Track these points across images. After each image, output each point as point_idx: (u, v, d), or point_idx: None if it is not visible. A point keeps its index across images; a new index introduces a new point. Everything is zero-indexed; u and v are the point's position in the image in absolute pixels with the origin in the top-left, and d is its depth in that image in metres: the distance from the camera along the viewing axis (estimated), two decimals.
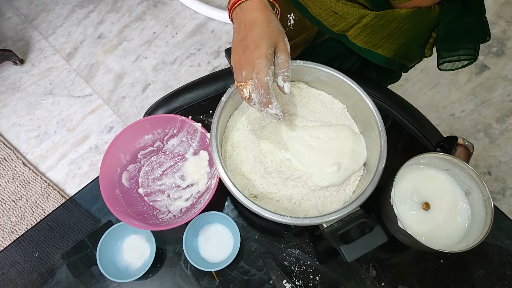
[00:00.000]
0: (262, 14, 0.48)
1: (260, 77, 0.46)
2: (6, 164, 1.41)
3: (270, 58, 0.46)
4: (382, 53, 0.63)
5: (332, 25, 0.61)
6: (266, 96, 0.47)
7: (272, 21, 0.48)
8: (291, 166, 0.59)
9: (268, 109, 0.49)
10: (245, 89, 0.48)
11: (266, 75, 0.46)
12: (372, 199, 0.55)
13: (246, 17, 0.48)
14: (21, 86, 1.59)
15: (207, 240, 0.61)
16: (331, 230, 0.51)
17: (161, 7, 1.77)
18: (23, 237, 0.63)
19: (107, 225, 0.62)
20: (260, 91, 0.47)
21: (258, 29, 0.47)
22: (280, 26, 0.50)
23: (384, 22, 0.58)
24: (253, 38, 0.47)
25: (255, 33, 0.47)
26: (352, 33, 0.61)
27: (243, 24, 0.48)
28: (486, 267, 0.60)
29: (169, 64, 1.64)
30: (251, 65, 0.46)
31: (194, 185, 0.65)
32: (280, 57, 0.48)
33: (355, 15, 0.58)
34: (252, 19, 0.48)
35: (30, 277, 0.61)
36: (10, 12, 1.76)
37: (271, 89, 0.47)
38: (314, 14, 0.61)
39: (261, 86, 0.46)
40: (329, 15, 0.60)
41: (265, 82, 0.46)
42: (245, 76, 0.47)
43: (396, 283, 0.59)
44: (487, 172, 1.43)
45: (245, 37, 0.47)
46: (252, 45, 0.46)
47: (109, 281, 0.59)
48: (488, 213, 0.52)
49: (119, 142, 0.61)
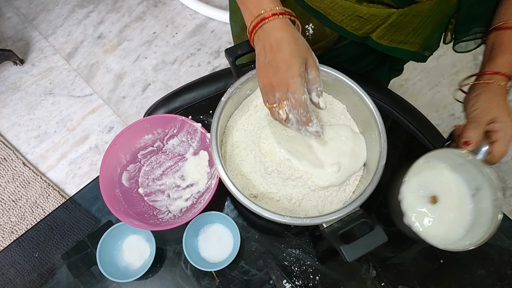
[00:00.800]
0: (287, 33, 0.47)
1: (298, 97, 0.45)
2: (6, 164, 1.41)
3: (303, 76, 0.46)
4: (408, 48, 0.63)
5: (356, 29, 0.60)
6: (306, 115, 0.47)
7: (298, 38, 0.48)
8: (291, 166, 0.59)
9: (308, 127, 0.49)
10: (281, 111, 0.47)
11: (303, 93, 0.45)
12: (372, 199, 0.55)
13: (270, 38, 0.47)
14: (21, 86, 1.59)
15: (207, 240, 0.61)
16: (331, 230, 0.50)
17: (161, 7, 1.77)
18: (23, 237, 0.63)
19: (107, 225, 0.62)
20: (300, 110, 0.46)
21: (286, 49, 0.46)
22: (306, 42, 0.49)
23: (409, 18, 0.58)
24: (282, 58, 0.46)
25: (284, 53, 0.46)
26: (377, 34, 0.60)
27: (268, 45, 0.47)
28: (487, 267, 0.60)
29: (169, 64, 1.64)
30: (285, 85, 0.46)
31: (194, 185, 0.65)
32: (311, 73, 0.48)
33: (381, 15, 0.57)
34: (278, 39, 0.47)
35: (30, 277, 0.61)
36: (10, 12, 1.76)
37: (310, 107, 0.47)
38: (336, 21, 0.60)
39: (300, 105, 0.46)
40: (353, 20, 0.59)
41: (304, 101, 0.46)
42: (279, 98, 0.47)
43: (396, 283, 0.59)
44: None
45: (273, 58, 0.47)
46: (283, 65, 0.46)
47: (109, 281, 0.59)
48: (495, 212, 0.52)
49: (119, 142, 0.61)
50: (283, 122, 0.49)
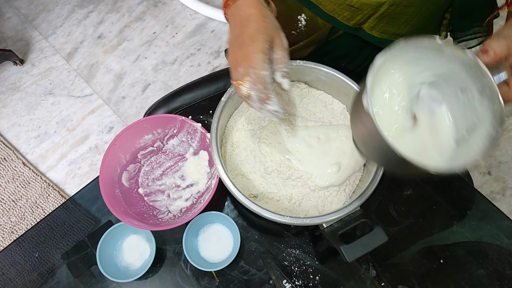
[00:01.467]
0: (257, 10, 0.47)
1: (257, 71, 0.45)
2: (6, 164, 1.41)
3: (266, 53, 0.46)
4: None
5: (348, 19, 0.60)
6: (264, 91, 0.46)
7: (267, 16, 0.48)
8: (291, 166, 0.59)
9: (267, 105, 0.47)
10: (243, 87, 0.47)
11: (263, 69, 0.45)
12: (372, 199, 0.55)
13: (240, 14, 0.48)
14: (21, 86, 1.59)
15: (207, 240, 0.61)
16: (331, 230, 0.51)
17: (161, 7, 1.77)
18: (23, 237, 0.63)
19: (107, 225, 0.62)
20: (258, 86, 0.46)
21: (253, 25, 0.47)
22: (276, 22, 0.49)
23: (401, 9, 0.57)
24: (248, 33, 0.46)
25: (250, 29, 0.46)
26: (368, 25, 0.60)
27: (238, 21, 0.48)
28: (486, 267, 0.60)
29: (169, 64, 1.64)
30: (247, 60, 0.45)
31: (194, 185, 0.65)
32: (277, 53, 0.48)
33: (372, 5, 0.57)
34: (247, 16, 0.47)
35: (30, 277, 0.61)
36: (10, 12, 1.76)
37: (269, 84, 0.46)
38: (328, 11, 0.60)
39: (259, 81, 0.45)
40: (344, 10, 0.59)
41: (262, 76, 0.45)
42: (243, 73, 0.46)
43: (396, 283, 0.59)
44: (487, 172, 1.43)
45: (240, 33, 0.47)
46: (248, 40, 0.46)
47: (109, 281, 0.59)
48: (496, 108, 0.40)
49: (119, 142, 0.61)
50: (245, 99, 0.48)
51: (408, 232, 0.63)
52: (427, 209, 0.64)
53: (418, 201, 0.65)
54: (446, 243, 0.62)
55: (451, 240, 0.63)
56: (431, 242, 0.62)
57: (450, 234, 0.63)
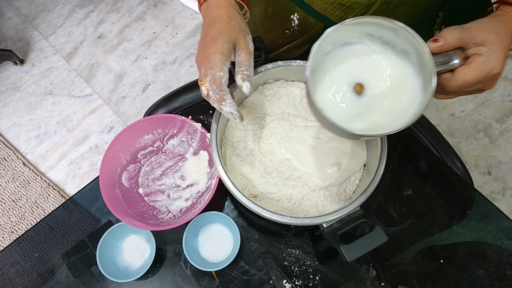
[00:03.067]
0: (224, 11, 0.48)
1: (213, 72, 0.45)
2: (6, 164, 1.41)
3: (225, 54, 0.46)
4: None
5: (340, 19, 0.60)
6: (218, 92, 0.46)
7: (234, 18, 0.48)
8: (291, 166, 0.59)
9: (222, 106, 0.48)
10: (203, 87, 0.47)
11: (220, 70, 0.45)
12: (372, 199, 0.55)
13: (210, 15, 0.49)
14: (21, 86, 1.59)
15: (207, 240, 0.61)
16: (331, 230, 0.51)
17: (161, 7, 1.77)
18: (23, 237, 0.63)
19: (107, 225, 0.62)
20: (213, 86, 0.46)
21: (217, 26, 0.47)
22: (244, 24, 0.49)
23: (392, 8, 0.57)
24: (211, 34, 0.47)
25: (214, 29, 0.47)
26: None
27: (207, 22, 0.49)
28: (486, 267, 0.60)
29: (169, 64, 1.64)
30: (207, 61, 0.46)
31: (194, 185, 0.65)
32: (240, 55, 0.48)
33: (363, 4, 0.57)
34: (214, 17, 0.48)
35: (30, 277, 0.61)
36: (10, 12, 1.76)
37: (225, 85, 0.47)
38: (320, 10, 0.60)
39: (214, 82, 0.46)
40: (336, 9, 0.59)
41: (218, 78, 0.45)
42: (204, 73, 0.47)
43: (396, 283, 0.59)
44: (487, 172, 1.43)
45: (205, 34, 0.48)
46: (210, 41, 0.46)
47: (109, 281, 0.59)
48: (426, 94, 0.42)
49: (119, 142, 0.61)
50: (206, 98, 0.49)
51: (408, 232, 0.63)
52: (427, 209, 0.64)
53: (418, 201, 0.65)
54: (446, 243, 0.62)
55: (451, 241, 0.63)
56: (431, 242, 0.62)
57: (450, 235, 0.63)
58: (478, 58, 0.42)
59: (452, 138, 1.49)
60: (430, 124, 0.80)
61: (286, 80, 0.65)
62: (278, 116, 0.63)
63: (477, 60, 0.42)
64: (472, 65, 0.43)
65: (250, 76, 0.48)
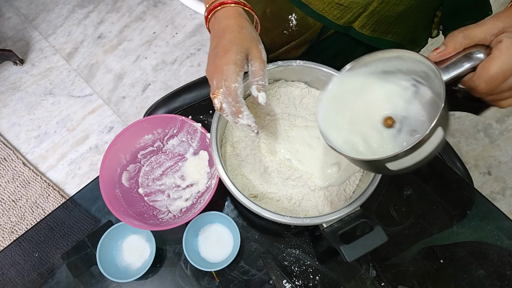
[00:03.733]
0: (234, 21, 0.47)
1: (228, 84, 0.44)
2: (6, 164, 1.41)
3: (239, 64, 0.45)
4: (391, 39, 0.62)
5: (338, 18, 0.60)
6: (234, 105, 0.45)
7: (245, 27, 0.47)
8: (291, 166, 0.59)
9: (239, 119, 0.46)
10: (216, 99, 0.45)
11: (234, 81, 0.44)
12: (372, 199, 0.55)
13: (219, 25, 0.47)
14: (21, 86, 1.59)
15: (207, 240, 0.61)
16: (331, 230, 0.51)
17: (161, 7, 1.77)
18: (23, 237, 0.63)
19: (107, 225, 0.62)
20: (229, 99, 0.44)
21: (228, 36, 0.46)
22: (255, 33, 0.48)
23: (390, 7, 0.57)
24: (223, 45, 0.45)
25: (225, 40, 0.45)
26: (358, 23, 0.60)
27: (216, 32, 0.47)
28: (486, 267, 0.60)
29: (169, 64, 1.64)
30: (220, 72, 0.44)
31: (194, 185, 0.65)
32: (254, 65, 0.47)
33: (361, 3, 0.57)
34: (224, 27, 0.47)
35: (30, 277, 0.61)
36: (10, 12, 1.76)
37: (241, 96, 0.45)
38: (317, 10, 0.60)
39: (229, 94, 0.44)
40: (334, 8, 0.59)
41: (233, 89, 0.44)
42: (216, 85, 0.45)
43: (396, 283, 0.59)
44: (487, 172, 1.43)
45: (217, 45, 0.46)
46: (221, 51, 0.45)
47: (109, 281, 0.59)
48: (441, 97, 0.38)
49: (119, 142, 0.61)
50: (220, 112, 0.47)
51: (408, 232, 0.63)
52: (427, 209, 0.64)
53: (418, 201, 0.65)
54: (446, 243, 0.62)
55: (451, 241, 0.63)
56: (431, 242, 0.62)
57: (450, 235, 0.63)
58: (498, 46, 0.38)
59: (452, 138, 1.49)
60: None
61: (286, 80, 0.65)
62: (278, 116, 0.63)
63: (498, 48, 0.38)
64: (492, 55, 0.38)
65: (265, 86, 0.47)
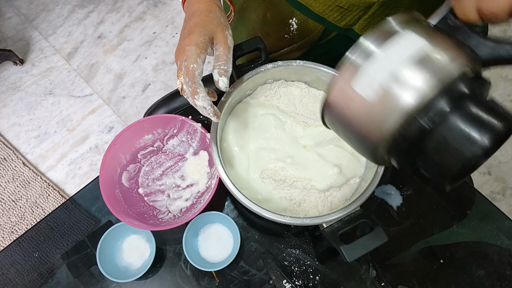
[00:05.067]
0: (204, 5, 0.48)
1: (187, 64, 0.44)
2: (6, 164, 1.41)
3: (201, 46, 0.45)
4: None
5: (338, 21, 0.60)
6: (191, 85, 0.45)
7: (213, 12, 0.47)
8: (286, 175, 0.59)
9: (195, 100, 0.46)
10: (178, 80, 0.46)
11: (194, 62, 0.44)
12: (372, 199, 0.55)
13: (190, 9, 0.49)
14: (21, 86, 1.59)
15: (207, 240, 0.61)
16: (331, 230, 0.50)
17: (161, 7, 1.77)
18: (23, 237, 0.63)
19: (107, 225, 0.62)
20: (186, 79, 0.45)
21: (195, 19, 0.46)
22: (224, 18, 0.49)
23: (390, 10, 0.57)
24: (189, 27, 0.46)
25: (192, 22, 0.46)
26: (359, 26, 0.60)
27: (187, 16, 0.49)
28: (486, 267, 0.60)
29: (169, 64, 1.64)
30: (183, 53, 0.45)
31: (194, 185, 0.65)
32: (218, 50, 0.47)
33: (361, 6, 0.57)
34: (194, 10, 0.48)
35: (30, 277, 0.61)
36: (10, 12, 1.76)
37: (198, 78, 0.45)
38: (318, 12, 0.60)
39: (187, 74, 0.44)
40: (334, 11, 0.59)
41: (191, 70, 0.44)
42: (179, 66, 0.46)
43: (396, 283, 0.59)
44: (487, 172, 1.43)
45: (184, 28, 0.47)
46: (186, 33, 0.46)
47: (109, 281, 0.59)
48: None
49: (119, 142, 0.61)
50: (181, 92, 0.47)
51: (408, 232, 0.63)
52: (427, 209, 0.64)
53: (418, 201, 0.65)
54: (446, 243, 0.62)
55: (451, 241, 0.63)
56: (431, 243, 0.62)
57: (450, 235, 0.63)
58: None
59: None
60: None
61: (286, 80, 0.65)
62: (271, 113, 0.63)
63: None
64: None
65: (227, 71, 0.47)
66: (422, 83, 0.28)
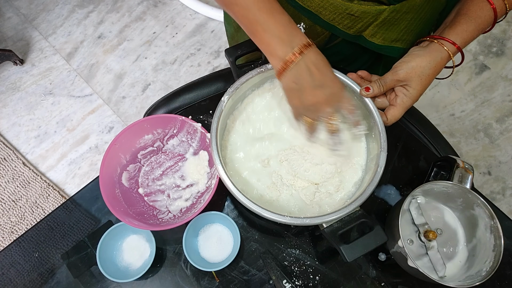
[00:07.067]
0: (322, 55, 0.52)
1: (354, 102, 0.52)
2: (6, 164, 1.41)
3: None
4: (400, 45, 0.62)
5: (348, 28, 0.60)
6: (357, 116, 0.53)
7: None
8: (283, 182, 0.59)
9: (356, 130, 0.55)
10: (334, 121, 0.52)
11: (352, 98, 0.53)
12: (372, 199, 0.55)
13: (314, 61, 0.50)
14: (21, 86, 1.59)
15: (207, 240, 0.61)
16: (331, 230, 0.50)
17: (161, 7, 1.77)
18: (23, 237, 0.63)
19: (107, 225, 0.62)
20: (357, 112, 0.52)
21: (328, 69, 0.51)
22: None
23: (401, 15, 0.57)
24: (331, 77, 0.51)
25: (330, 73, 0.51)
26: (369, 32, 0.60)
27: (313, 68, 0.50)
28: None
29: (169, 64, 1.64)
30: (337, 99, 0.51)
31: (194, 185, 0.65)
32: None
33: (372, 13, 0.57)
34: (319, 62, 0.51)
35: (30, 277, 0.61)
36: (10, 12, 1.76)
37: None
38: (327, 20, 0.60)
39: (356, 108, 0.52)
40: (345, 18, 0.59)
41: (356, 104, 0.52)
42: (331, 111, 0.51)
43: (396, 283, 0.59)
44: (487, 172, 1.43)
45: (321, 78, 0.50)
46: (332, 83, 0.50)
47: (109, 281, 0.59)
48: (497, 243, 0.53)
49: (119, 142, 0.61)
50: (332, 134, 0.54)
51: None
52: None
53: None
54: None
55: None
56: None
57: None
58: (398, 100, 0.56)
59: (452, 138, 1.49)
60: (430, 124, 0.80)
61: None
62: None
63: (398, 101, 0.56)
64: (396, 107, 0.56)
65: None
66: None
